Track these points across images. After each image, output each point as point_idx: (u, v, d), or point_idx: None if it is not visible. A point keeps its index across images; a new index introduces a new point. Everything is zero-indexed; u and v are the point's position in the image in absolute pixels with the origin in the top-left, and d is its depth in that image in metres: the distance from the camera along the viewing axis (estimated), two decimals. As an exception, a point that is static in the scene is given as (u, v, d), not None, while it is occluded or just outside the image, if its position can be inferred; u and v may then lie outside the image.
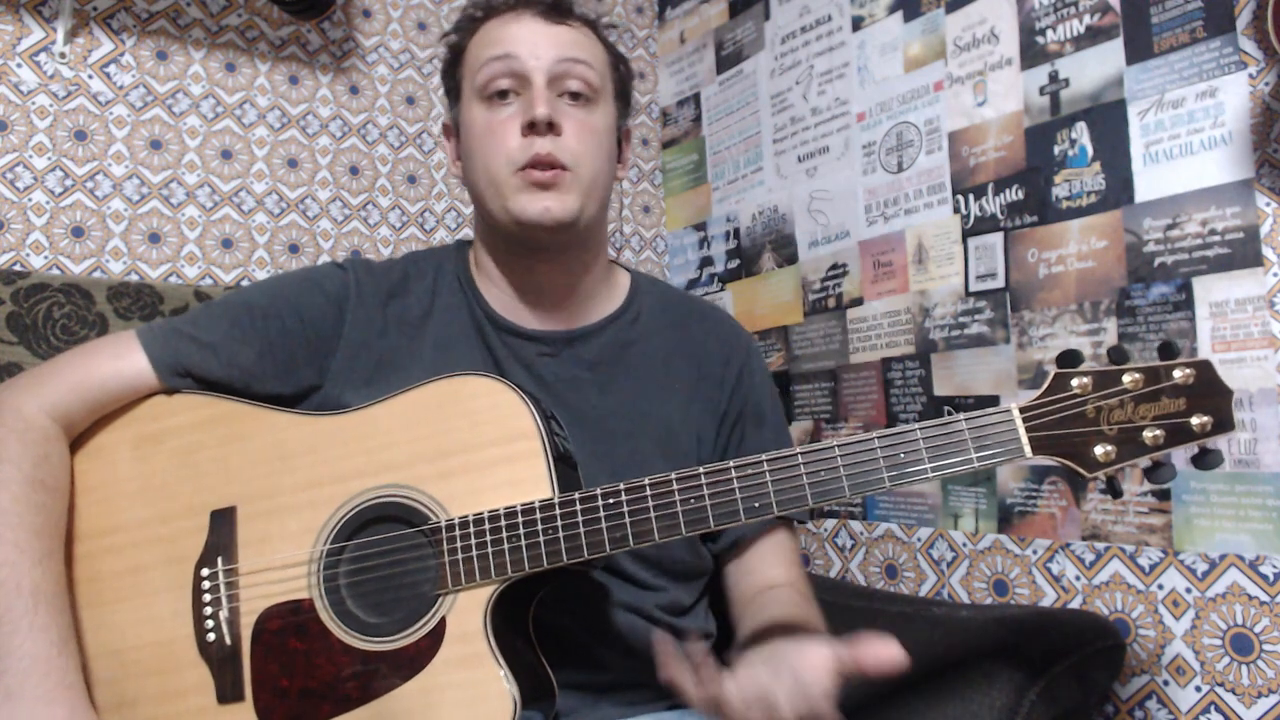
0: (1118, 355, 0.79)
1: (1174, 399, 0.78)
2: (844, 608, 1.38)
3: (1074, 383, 0.79)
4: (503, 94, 1.00)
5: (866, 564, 1.64)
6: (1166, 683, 1.22)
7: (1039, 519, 1.38)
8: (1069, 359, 0.80)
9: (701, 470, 0.82)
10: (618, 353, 1.08)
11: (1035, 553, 1.38)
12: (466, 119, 1.03)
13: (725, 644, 1.11)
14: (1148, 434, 0.78)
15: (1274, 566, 1.14)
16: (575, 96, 1.00)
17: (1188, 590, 1.21)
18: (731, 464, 0.82)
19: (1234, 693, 1.16)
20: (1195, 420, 0.77)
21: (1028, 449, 0.78)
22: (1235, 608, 1.17)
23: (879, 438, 0.80)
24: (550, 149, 0.96)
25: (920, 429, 0.80)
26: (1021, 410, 0.79)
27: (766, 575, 1.07)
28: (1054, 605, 1.35)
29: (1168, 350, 0.78)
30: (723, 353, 1.12)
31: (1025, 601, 1.39)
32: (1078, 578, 1.33)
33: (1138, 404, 0.78)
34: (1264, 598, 1.14)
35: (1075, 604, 1.33)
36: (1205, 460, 0.79)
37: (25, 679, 0.83)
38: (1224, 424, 0.77)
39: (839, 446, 0.80)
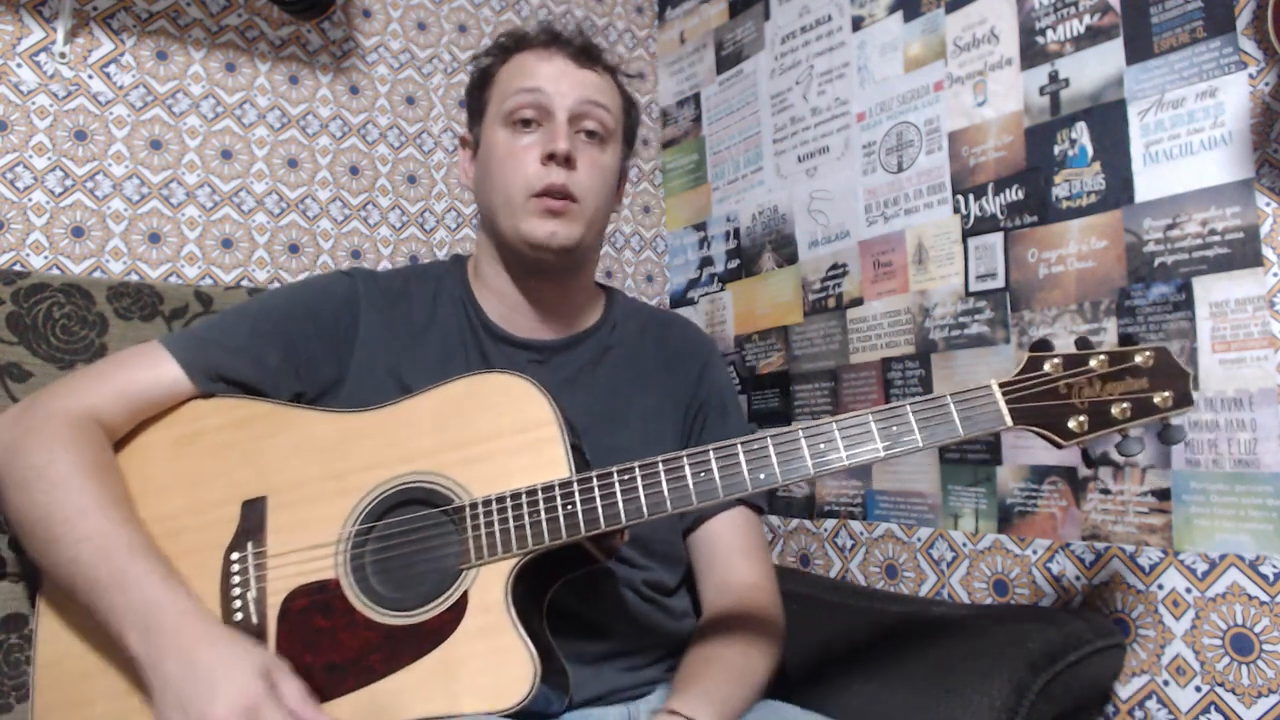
0: (1083, 343, 0.91)
1: (1137, 379, 0.90)
2: (844, 608, 1.38)
3: (1045, 365, 0.90)
4: (526, 122, 1.09)
5: (866, 564, 1.64)
6: (1166, 683, 1.22)
7: (1039, 519, 1.38)
8: (1041, 345, 0.91)
9: (710, 448, 0.91)
10: (598, 358, 1.18)
11: (1035, 553, 1.38)
12: (489, 139, 1.13)
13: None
14: (1115, 409, 0.89)
15: (1274, 566, 1.14)
16: (590, 135, 1.11)
17: (1188, 590, 1.21)
18: (738, 442, 0.90)
19: (1234, 693, 1.16)
20: (1157, 397, 0.89)
21: (1008, 418, 0.89)
22: (1235, 608, 1.17)
23: (874, 414, 0.89)
24: (565, 180, 1.07)
25: (910, 404, 0.89)
26: (1001, 385, 0.90)
27: (733, 563, 1.15)
28: (1054, 605, 1.35)
29: (1128, 339, 0.95)
30: (687, 352, 1.25)
31: (1025, 601, 1.39)
32: (1078, 578, 1.33)
33: (1105, 383, 0.90)
34: (1264, 598, 1.14)
35: (1075, 604, 1.33)
36: (1169, 435, 0.91)
37: (174, 620, 0.86)
38: (1183, 399, 0.89)
39: (836, 422, 0.90)
